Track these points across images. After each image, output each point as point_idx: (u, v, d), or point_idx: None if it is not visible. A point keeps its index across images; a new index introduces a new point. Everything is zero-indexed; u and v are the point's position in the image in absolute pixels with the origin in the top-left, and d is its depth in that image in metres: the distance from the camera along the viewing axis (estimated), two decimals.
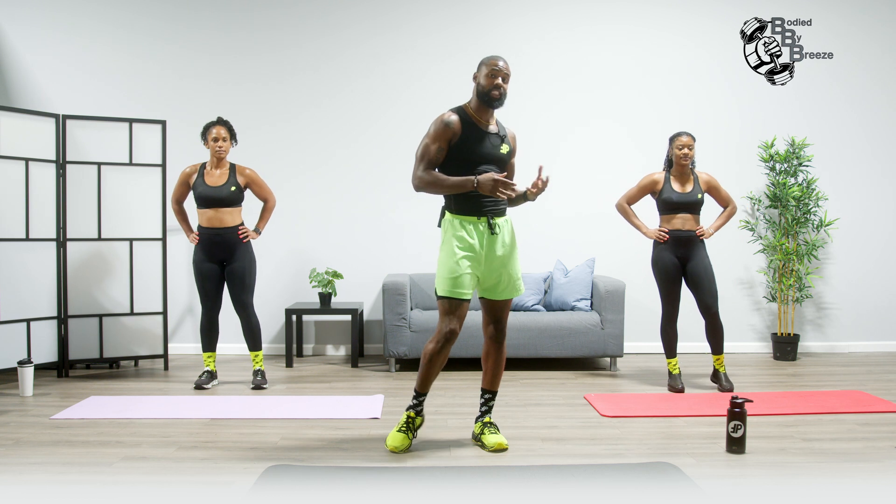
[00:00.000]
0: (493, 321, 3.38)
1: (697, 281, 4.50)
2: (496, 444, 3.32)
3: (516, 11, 5.82)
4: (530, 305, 5.36)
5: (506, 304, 3.37)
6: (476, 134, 3.21)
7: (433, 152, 3.19)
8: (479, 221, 3.21)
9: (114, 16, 5.69)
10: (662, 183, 4.54)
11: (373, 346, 5.85)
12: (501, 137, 3.28)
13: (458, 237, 3.20)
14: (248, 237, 4.58)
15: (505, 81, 3.20)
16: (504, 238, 3.26)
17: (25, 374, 4.39)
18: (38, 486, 2.89)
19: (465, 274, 3.19)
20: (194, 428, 3.70)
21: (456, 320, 3.22)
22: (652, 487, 2.81)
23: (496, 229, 3.21)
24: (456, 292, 3.20)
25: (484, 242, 3.21)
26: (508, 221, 3.33)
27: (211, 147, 4.51)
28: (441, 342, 3.23)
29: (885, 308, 5.99)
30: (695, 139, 4.50)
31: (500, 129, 3.31)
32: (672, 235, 4.50)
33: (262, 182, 4.70)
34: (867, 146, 5.96)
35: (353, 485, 2.84)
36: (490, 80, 3.19)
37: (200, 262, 4.55)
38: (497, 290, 3.31)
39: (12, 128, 4.70)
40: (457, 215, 3.23)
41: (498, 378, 3.45)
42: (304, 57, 5.78)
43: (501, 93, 3.20)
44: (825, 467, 3.10)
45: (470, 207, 3.21)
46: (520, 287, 3.36)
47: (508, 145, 3.31)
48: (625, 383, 4.80)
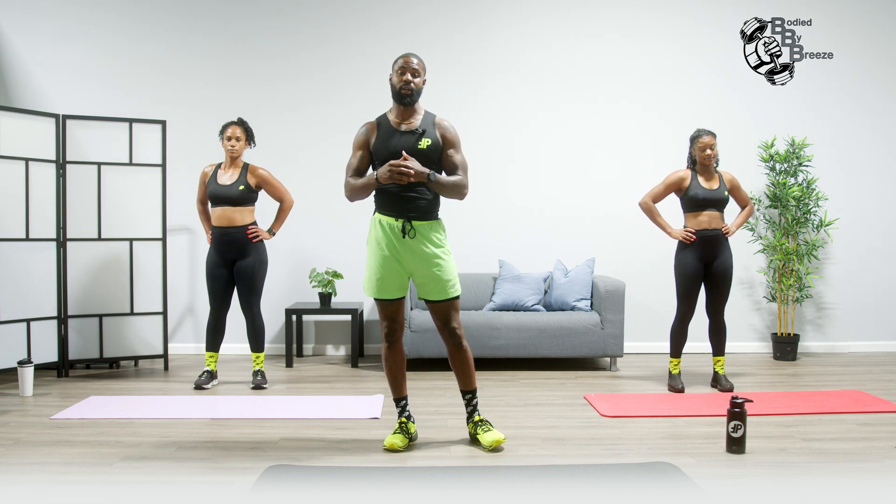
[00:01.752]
0: (441, 324, 3.33)
1: (715, 283, 4.50)
2: (492, 440, 3.31)
3: (518, 16, 5.82)
4: (530, 305, 5.36)
5: (446, 305, 3.29)
6: (390, 134, 3.22)
7: (355, 162, 3.27)
8: (398, 223, 3.20)
9: (114, 16, 5.69)
10: (689, 180, 4.52)
11: (373, 346, 5.85)
12: (419, 133, 3.20)
13: (377, 237, 3.24)
14: (259, 237, 4.58)
15: (415, 76, 3.19)
16: (424, 241, 3.21)
17: (25, 374, 4.39)
18: (38, 486, 2.88)
19: (387, 275, 3.23)
20: (194, 428, 3.70)
21: (391, 318, 3.30)
22: (652, 487, 2.81)
23: (409, 233, 3.18)
24: (378, 293, 3.27)
25: (401, 244, 3.20)
26: (432, 226, 3.24)
27: (225, 146, 4.55)
28: (385, 343, 3.35)
29: (885, 308, 5.99)
30: (715, 136, 4.49)
31: (423, 124, 3.24)
32: (699, 235, 4.46)
33: (277, 182, 4.69)
34: (867, 146, 5.96)
35: (353, 485, 2.84)
36: (400, 77, 3.20)
37: (212, 265, 4.56)
38: (425, 290, 3.29)
39: (12, 128, 4.70)
40: (380, 214, 3.25)
41: (470, 377, 3.40)
42: (304, 58, 5.78)
43: (412, 88, 3.18)
44: (825, 467, 3.10)
45: (390, 207, 3.21)
46: (449, 290, 3.26)
47: (431, 139, 3.21)
48: (625, 383, 4.80)
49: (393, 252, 3.22)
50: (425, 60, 5.96)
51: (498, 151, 5.85)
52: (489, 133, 5.82)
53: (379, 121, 3.28)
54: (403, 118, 3.25)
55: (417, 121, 3.25)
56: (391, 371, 3.39)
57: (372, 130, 3.27)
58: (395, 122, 3.25)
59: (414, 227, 3.19)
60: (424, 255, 3.22)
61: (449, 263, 3.27)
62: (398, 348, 3.36)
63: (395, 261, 3.23)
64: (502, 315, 5.17)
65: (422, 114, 3.28)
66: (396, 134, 3.22)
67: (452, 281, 3.28)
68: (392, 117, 3.27)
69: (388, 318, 3.30)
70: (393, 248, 3.21)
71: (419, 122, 3.25)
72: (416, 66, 3.19)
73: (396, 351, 3.36)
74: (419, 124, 3.24)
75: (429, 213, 3.24)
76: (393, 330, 3.32)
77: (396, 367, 3.38)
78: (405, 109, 3.25)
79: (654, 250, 5.70)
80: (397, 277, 3.25)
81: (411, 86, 3.18)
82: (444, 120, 3.31)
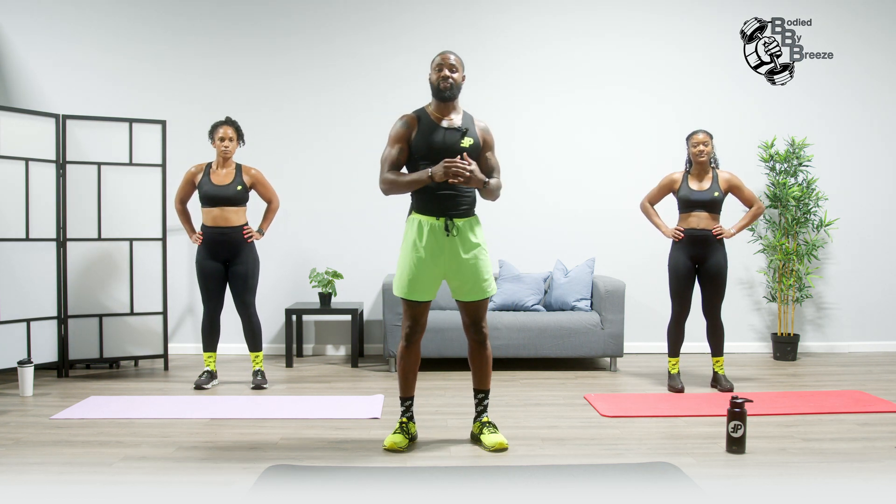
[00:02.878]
0: (469, 322, 3.35)
1: (707, 283, 4.51)
2: (496, 443, 3.32)
3: (520, 16, 5.82)
4: (530, 305, 5.36)
5: (479, 305, 3.31)
6: (432, 130, 3.20)
7: (393, 154, 3.23)
8: (439, 221, 3.19)
9: (114, 16, 5.69)
10: (680, 181, 4.55)
11: (373, 346, 5.85)
12: (462, 131, 3.21)
13: (415, 237, 3.21)
14: (253, 237, 4.58)
15: (453, 72, 3.19)
16: (466, 239, 3.22)
17: (25, 374, 4.39)
18: (38, 486, 2.88)
19: (421, 276, 3.21)
20: (194, 428, 3.70)
21: (415, 319, 3.28)
22: (652, 487, 2.81)
23: (453, 231, 3.18)
24: (409, 294, 3.24)
25: (442, 243, 3.19)
26: (471, 222, 3.26)
27: (217, 146, 4.53)
28: (403, 342, 3.33)
29: (885, 308, 5.99)
30: (711, 136, 4.49)
31: (465, 123, 3.26)
32: (687, 234, 4.49)
33: (268, 183, 4.71)
34: (867, 146, 5.96)
35: (353, 485, 2.84)
36: (437, 73, 3.20)
37: (203, 261, 4.55)
38: (462, 291, 3.28)
39: (12, 128, 4.70)
40: (418, 213, 3.23)
41: (487, 377, 3.43)
42: (304, 57, 5.78)
43: (450, 83, 3.18)
44: (825, 467, 3.10)
45: (431, 207, 3.20)
46: (487, 289, 3.29)
47: (473, 139, 3.23)
48: (625, 383, 4.80)
49: (430, 253, 3.19)
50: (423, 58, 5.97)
51: (498, 151, 5.84)
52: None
53: (419, 115, 3.25)
54: (444, 114, 3.24)
55: (458, 118, 3.26)
56: (404, 369, 3.38)
57: (412, 124, 3.23)
58: (437, 116, 3.23)
59: (456, 224, 3.19)
60: (465, 252, 3.21)
61: (487, 260, 3.30)
62: (416, 348, 3.35)
63: (431, 262, 3.20)
64: (502, 315, 5.17)
65: (461, 112, 3.29)
66: (439, 130, 3.20)
67: (489, 279, 3.30)
68: (433, 112, 3.25)
69: (413, 319, 3.29)
70: (431, 248, 3.18)
71: (460, 119, 3.25)
72: (454, 62, 3.20)
73: (414, 351, 3.35)
74: (461, 122, 3.24)
75: (469, 211, 3.27)
76: (415, 331, 3.30)
77: (410, 367, 3.37)
78: (445, 105, 3.24)
79: (654, 250, 5.70)
80: (431, 280, 3.23)
81: (450, 80, 3.18)
82: (482, 121, 3.35)
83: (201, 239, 4.54)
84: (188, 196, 4.66)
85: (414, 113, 3.27)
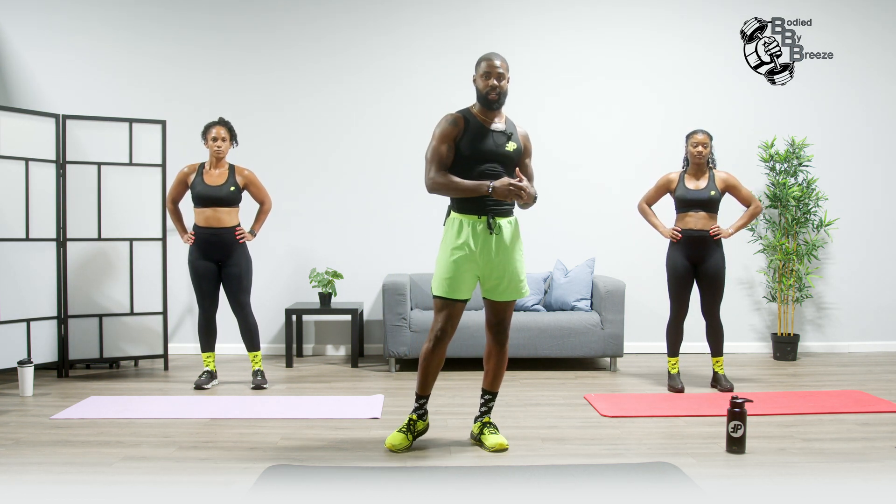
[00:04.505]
0: (495, 322, 3.35)
1: (706, 283, 4.50)
2: (497, 444, 3.32)
3: (519, 13, 5.82)
4: (530, 305, 5.36)
5: (508, 305, 3.33)
6: (480, 131, 3.19)
7: (443, 153, 3.18)
8: (480, 221, 3.18)
9: (114, 16, 5.69)
10: (677, 181, 4.56)
11: (373, 346, 5.85)
12: (508, 135, 3.22)
13: (457, 236, 3.19)
14: (245, 238, 4.58)
15: (500, 80, 3.16)
16: (505, 239, 3.22)
17: (25, 374, 4.39)
18: (38, 486, 2.88)
19: (461, 275, 3.19)
20: (194, 428, 3.70)
21: (448, 320, 3.24)
22: (652, 487, 2.81)
23: (496, 230, 3.18)
24: (449, 293, 3.22)
25: (483, 242, 3.18)
26: (513, 222, 3.28)
27: (210, 147, 4.52)
28: (433, 341, 3.27)
29: (885, 308, 5.99)
30: (711, 137, 4.49)
31: (509, 127, 3.26)
32: (685, 235, 4.48)
33: (261, 184, 4.71)
34: (867, 146, 5.96)
35: (353, 485, 2.84)
36: (485, 81, 3.17)
37: (196, 261, 4.54)
38: (497, 291, 3.28)
39: (12, 128, 4.70)
40: (459, 213, 3.21)
41: (499, 379, 3.44)
42: (304, 57, 5.77)
43: (499, 93, 3.17)
44: (825, 467, 3.10)
45: (473, 206, 3.19)
46: (522, 289, 3.31)
47: (517, 143, 3.25)
48: (625, 383, 4.80)
49: (471, 252, 3.18)
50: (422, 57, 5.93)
51: None
52: None
53: (465, 116, 3.23)
54: (490, 118, 3.23)
55: (501, 123, 3.25)
56: (426, 369, 3.32)
57: (460, 124, 3.20)
58: (483, 119, 3.22)
59: (499, 223, 3.20)
60: (507, 251, 3.21)
61: (523, 262, 3.31)
62: (442, 350, 3.29)
63: (471, 261, 3.19)
64: None
65: (504, 117, 3.28)
66: (486, 132, 3.20)
67: (524, 280, 3.31)
68: (478, 114, 3.23)
69: (446, 319, 3.24)
70: (472, 247, 3.17)
71: (503, 124, 3.25)
72: (501, 70, 3.17)
73: (440, 353, 3.29)
74: (506, 127, 3.25)
75: (510, 211, 3.28)
76: (445, 331, 3.25)
77: (434, 368, 3.32)
78: (492, 112, 3.23)
79: (654, 250, 5.69)
80: (470, 278, 3.23)
81: (498, 90, 3.17)
82: (522, 128, 3.36)
83: (193, 239, 4.54)
84: (180, 196, 4.65)
85: (459, 113, 3.24)
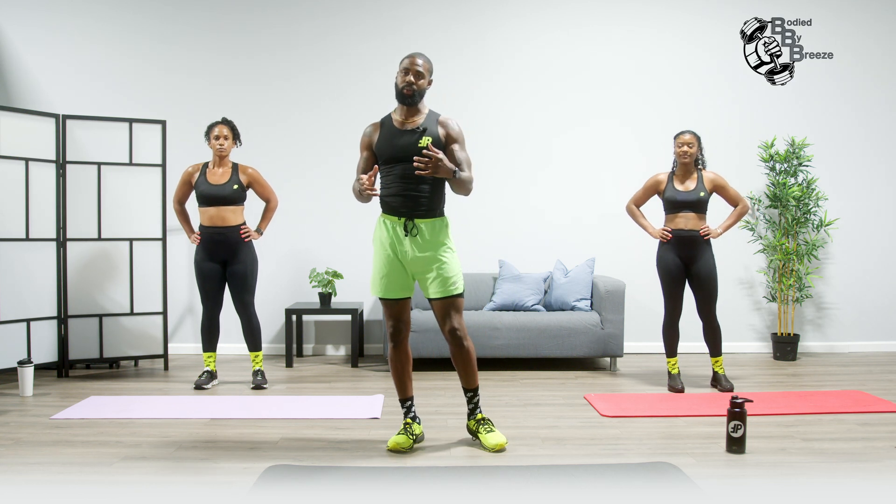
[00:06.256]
0: (441, 321, 3.34)
1: (698, 284, 4.51)
2: (496, 444, 3.31)
3: (515, 12, 5.82)
4: (530, 305, 5.36)
5: (447, 303, 3.28)
6: (392, 133, 3.26)
7: (360, 162, 3.36)
8: (399, 222, 3.24)
9: (114, 16, 5.69)
10: (665, 182, 4.56)
11: (373, 346, 5.85)
12: (420, 131, 3.23)
13: (381, 237, 3.30)
14: (251, 237, 4.59)
15: (418, 78, 3.22)
16: (427, 239, 3.24)
17: (25, 374, 4.39)
18: (38, 486, 2.89)
19: (390, 273, 3.28)
20: (194, 428, 3.70)
21: (396, 318, 3.33)
22: (652, 487, 2.81)
23: (412, 231, 3.23)
24: (385, 292, 3.31)
25: (402, 242, 3.24)
26: (434, 223, 3.26)
27: (213, 146, 4.53)
28: (391, 342, 3.38)
29: (885, 308, 5.99)
30: (698, 137, 4.49)
31: (427, 122, 3.27)
32: (675, 235, 4.49)
33: (265, 182, 4.71)
34: (867, 146, 5.96)
35: (353, 485, 2.84)
36: (403, 77, 3.24)
37: (202, 262, 4.55)
38: (429, 289, 3.30)
39: (12, 128, 4.70)
40: (383, 214, 3.31)
41: (471, 376, 3.40)
42: (304, 57, 5.78)
43: (413, 90, 3.21)
44: (825, 467, 3.10)
45: (391, 208, 3.26)
46: (451, 287, 3.26)
47: (432, 136, 3.23)
48: (625, 383, 4.80)
49: (396, 252, 3.26)
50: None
51: (498, 151, 5.85)
52: (489, 133, 5.81)
53: (383, 121, 3.34)
54: (407, 117, 3.29)
55: (420, 120, 3.29)
56: (397, 371, 3.40)
57: (375, 130, 3.33)
58: (399, 121, 3.29)
59: (417, 225, 3.23)
60: (428, 251, 3.24)
61: (452, 261, 3.29)
62: (403, 349, 3.37)
63: (398, 261, 3.27)
64: (502, 315, 5.17)
65: (425, 113, 3.31)
66: (398, 133, 3.25)
67: (454, 278, 3.28)
68: (396, 116, 3.31)
69: (393, 318, 3.34)
70: (396, 247, 3.26)
71: (422, 121, 3.28)
72: (420, 69, 3.22)
73: (402, 351, 3.37)
74: (421, 123, 3.27)
75: (431, 211, 3.27)
76: (398, 330, 3.33)
77: (402, 368, 3.39)
78: (408, 109, 3.28)
79: (654, 250, 5.67)
80: (401, 277, 3.30)
81: (413, 87, 3.22)
82: (449, 118, 3.34)
83: (200, 239, 4.54)
84: (186, 196, 4.66)
85: (380, 120, 3.36)
